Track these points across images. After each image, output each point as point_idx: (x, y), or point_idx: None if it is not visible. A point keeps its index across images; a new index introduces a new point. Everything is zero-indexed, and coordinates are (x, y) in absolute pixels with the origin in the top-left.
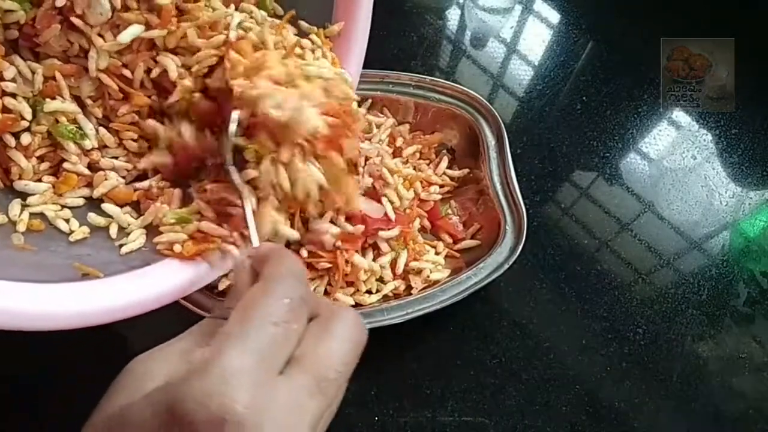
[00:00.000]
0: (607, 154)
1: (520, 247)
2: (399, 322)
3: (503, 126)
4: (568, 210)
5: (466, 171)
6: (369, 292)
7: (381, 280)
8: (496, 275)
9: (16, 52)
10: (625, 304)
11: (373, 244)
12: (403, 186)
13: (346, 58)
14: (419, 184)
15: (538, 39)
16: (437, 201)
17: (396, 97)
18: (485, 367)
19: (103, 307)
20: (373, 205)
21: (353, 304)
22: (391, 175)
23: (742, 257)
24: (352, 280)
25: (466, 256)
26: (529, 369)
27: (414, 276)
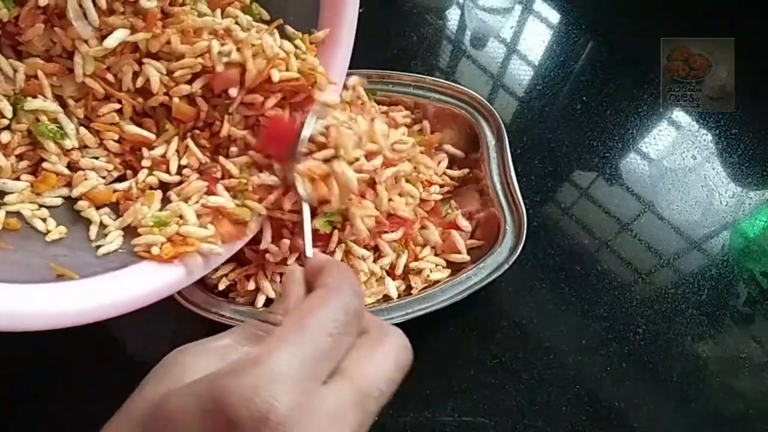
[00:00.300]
0: (607, 154)
1: (520, 247)
2: (399, 322)
3: (503, 126)
4: (568, 210)
5: (466, 171)
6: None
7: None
8: (496, 275)
9: None
10: (625, 304)
11: (375, 246)
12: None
13: (331, 63)
14: (420, 184)
15: (538, 39)
16: (437, 201)
17: (396, 97)
18: (485, 367)
19: (76, 309)
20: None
21: None
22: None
23: (742, 257)
24: None
25: None
26: (529, 369)
27: (414, 276)
